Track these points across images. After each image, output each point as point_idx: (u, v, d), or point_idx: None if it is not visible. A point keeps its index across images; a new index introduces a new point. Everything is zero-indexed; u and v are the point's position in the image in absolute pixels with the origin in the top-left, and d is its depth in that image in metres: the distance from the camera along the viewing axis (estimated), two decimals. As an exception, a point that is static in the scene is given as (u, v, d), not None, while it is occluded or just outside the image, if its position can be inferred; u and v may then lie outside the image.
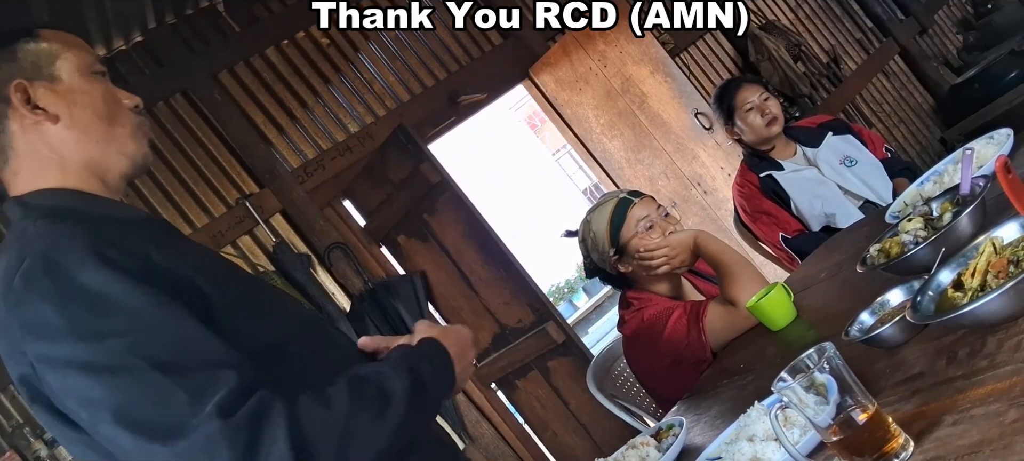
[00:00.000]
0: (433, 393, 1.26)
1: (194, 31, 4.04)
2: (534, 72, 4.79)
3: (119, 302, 1.11)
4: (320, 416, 1.10)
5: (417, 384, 1.21)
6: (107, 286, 1.12)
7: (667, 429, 1.72)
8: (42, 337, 1.12)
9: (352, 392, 1.15)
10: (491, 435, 4.05)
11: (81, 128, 1.29)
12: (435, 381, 1.27)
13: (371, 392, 1.17)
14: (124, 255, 1.15)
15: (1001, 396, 1.00)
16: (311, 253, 3.94)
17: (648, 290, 2.41)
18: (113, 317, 1.11)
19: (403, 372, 1.21)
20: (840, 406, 1.06)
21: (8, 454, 3.15)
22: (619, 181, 4.87)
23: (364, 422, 1.13)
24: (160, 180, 3.78)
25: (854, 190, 3.10)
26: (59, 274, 1.13)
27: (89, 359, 1.10)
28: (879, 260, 1.66)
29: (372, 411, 1.15)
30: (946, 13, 6.88)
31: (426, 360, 1.28)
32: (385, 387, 1.18)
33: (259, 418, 1.06)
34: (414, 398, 1.20)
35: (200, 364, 1.10)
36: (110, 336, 1.10)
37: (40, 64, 1.30)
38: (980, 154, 1.98)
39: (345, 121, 4.28)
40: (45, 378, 1.14)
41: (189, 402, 1.06)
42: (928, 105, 6.21)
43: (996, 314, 1.13)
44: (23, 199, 1.28)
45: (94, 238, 1.16)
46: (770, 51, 5.27)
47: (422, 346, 1.32)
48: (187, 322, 1.13)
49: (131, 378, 1.08)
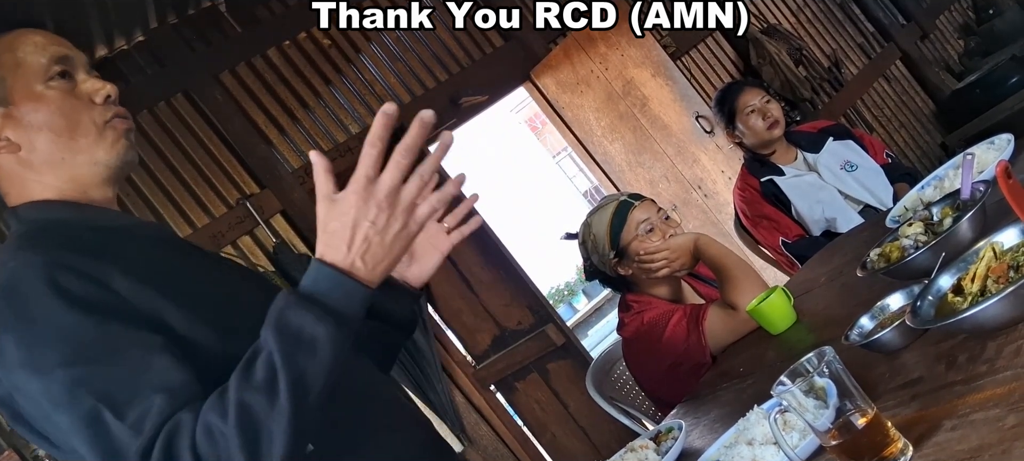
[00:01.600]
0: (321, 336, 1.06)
1: (196, 31, 4.04)
2: (535, 74, 4.79)
3: (66, 333, 1.11)
4: (219, 429, 1.04)
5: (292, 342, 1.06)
6: (55, 316, 1.12)
7: (666, 432, 1.72)
8: (8, 367, 1.14)
9: (242, 382, 1.05)
10: (490, 437, 4.05)
11: (43, 151, 1.27)
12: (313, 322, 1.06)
13: (257, 374, 1.05)
14: (82, 284, 1.14)
15: (1000, 401, 1.00)
16: (311, 254, 3.93)
17: (648, 293, 2.41)
18: (60, 347, 1.11)
19: (273, 335, 1.06)
20: (839, 410, 1.06)
21: (7, 453, 3.15)
22: (620, 184, 4.87)
23: (260, 411, 1.04)
24: (160, 180, 3.78)
25: (855, 195, 3.10)
26: (17, 304, 1.13)
27: (45, 390, 1.11)
28: (879, 264, 1.66)
29: (264, 395, 1.04)
30: (948, 18, 6.88)
31: (298, 306, 1.07)
32: (268, 362, 1.05)
33: (169, 454, 1.05)
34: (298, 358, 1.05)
35: (137, 395, 1.08)
36: (58, 367, 1.10)
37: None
38: (981, 159, 1.98)
39: (346, 122, 4.28)
40: (19, 403, 1.17)
41: (131, 438, 1.06)
42: (929, 110, 6.21)
43: (996, 319, 1.13)
44: (16, 211, 1.30)
45: (52, 266, 1.14)
46: (771, 55, 5.27)
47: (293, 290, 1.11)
48: (130, 351, 1.12)
49: (83, 410, 1.09)
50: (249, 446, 1.03)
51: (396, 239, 1.09)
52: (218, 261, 1.57)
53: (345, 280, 1.08)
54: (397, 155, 1.08)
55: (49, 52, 1.29)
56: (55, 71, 1.28)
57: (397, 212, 1.09)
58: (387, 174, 1.08)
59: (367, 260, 1.09)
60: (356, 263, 1.08)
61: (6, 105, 1.26)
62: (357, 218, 1.07)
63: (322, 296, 1.08)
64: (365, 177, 1.08)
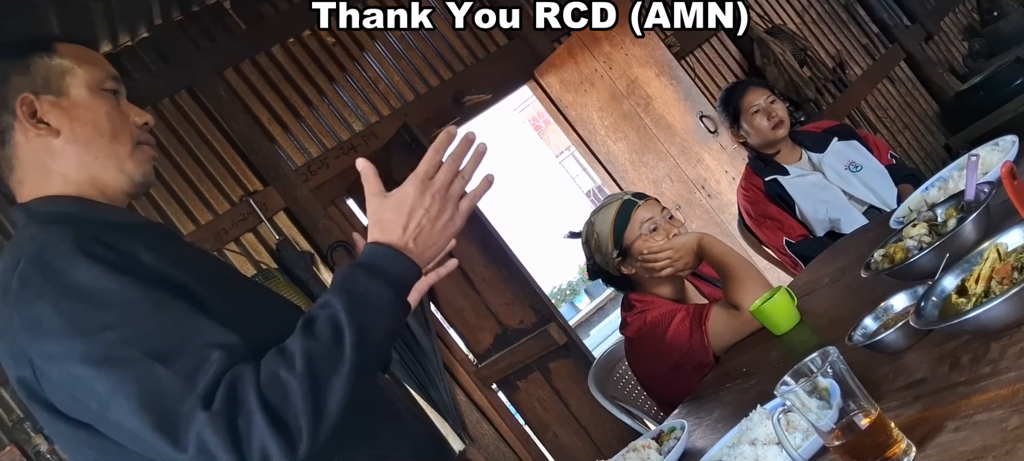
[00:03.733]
0: (383, 300, 1.19)
1: (200, 28, 4.04)
2: (539, 73, 4.79)
3: (111, 296, 1.15)
4: (284, 377, 1.11)
5: (357, 302, 1.17)
6: (98, 281, 1.16)
7: (668, 432, 1.72)
8: (42, 335, 1.15)
9: (306, 337, 1.15)
10: (492, 436, 4.05)
11: (81, 142, 1.33)
12: (378, 289, 1.19)
13: (322, 330, 1.15)
14: (111, 252, 1.19)
15: (1004, 402, 1.00)
16: (314, 251, 3.94)
17: (651, 292, 2.40)
18: (107, 311, 1.14)
19: (340, 295, 1.17)
20: (843, 410, 1.06)
21: (8, 448, 3.15)
22: (623, 183, 4.86)
23: (324, 363, 1.13)
24: (164, 176, 3.78)
25: (859, 195, 3.10)
26: (51, 273, 1.17)
27: (88, 353, 1.13)
28: (883, 265, 1.66)
29: (328, 349, 1.14)
30: (952, 20, 6.87)
31: (362, 273, 1.20)
32: (333, 320, 1.15)
33: (231, 402, 1.09)
34: (362, 317, 1.16)
35: (190, 348, 1.13)
36: (105, 329, 1.13)
37: (50, 79, 1.33)
38: (985, 160, 1.98)
39: (350, 120, 4.28)
40: (48, 374, 1.17)
41: (184, 388, 1.10)
42: (933, 111, 6.20)
43: (1000, 320, 1.12)
44: (27, 206, 1.33)
45: (82, 237, 1.20)
46: (776, 55, 5.27)
47: (358, 260, 1.24)
48: (176, 309, 1.17)
49: (131, 369, 1.12)
50: (314, 393, 1.11)
51: (444, 227, 1.26)
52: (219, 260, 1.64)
53: (400, 256, 1.22)
54: (449, 160, 1.26)
55: (107, 69, 1.40)
56: (109, 86, 1.38)
57: (447, 204, 1.25)
58: (441, 173, 1.25)
59: (419, 242, 1.24)
60: (409, 244, 1.23)
61: (58, 95, 1.33)
62: (413, 206, 1.23)
63: (383, 266, 1.21)
64: (425, 173, 1.25)
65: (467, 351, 4.26)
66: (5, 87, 1.32)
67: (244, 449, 1.08)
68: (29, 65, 1.33)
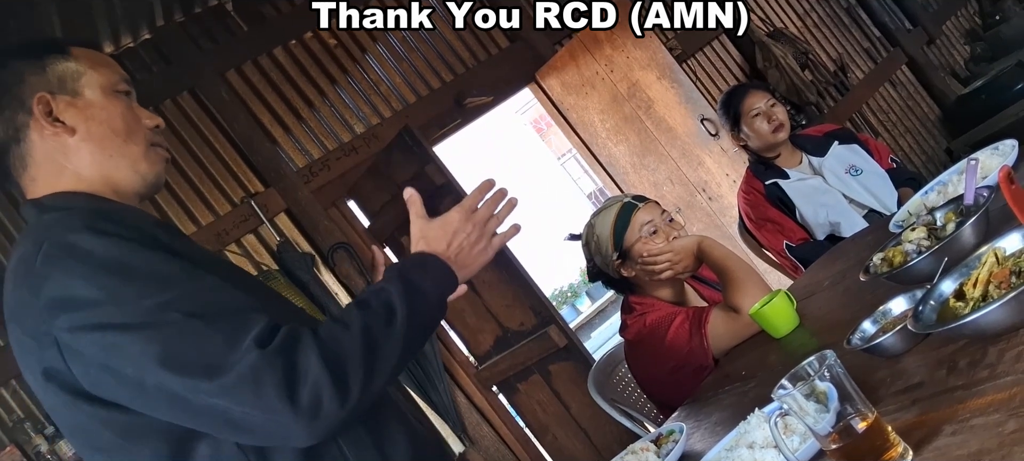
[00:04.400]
0: (431, 294, 1.32)
1: (202, 29, 4.05)
2: (540, 76, 4.79)
3: (142, 267, 1.19)
4: (343, 336, 1.19)
5: (409, 288, 1.29)
6: (125, 255, 1.19)
7: (667, 435, 1.72)
8: (76, 309, 1.16)
9: (363, 311, 1.24)
10: (491, 438, 4.05)
11: (96, 141, 1.36)
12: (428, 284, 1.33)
13: (378, 308, 1.25)
14: (130, 229, 1.24)
15: (1001, 407, 1.00)
16: (315, 253, 3.95)
17: (651, 295, 2.41)
18: (141, 280, 1.17)
19: (396, 282, 1.29)
20: (840, 414, 1.06)
21: (9, 448, 3.16)
22: (624, 186, 4.87)
23: (379, 334, 1.22)
24: (166, 178, 3.79)
25: (859, 199, 3.09)
26: (79, 251, 1.19)
27: (128, 320, 1.15)
28: (882, 269, 1.66)
29: (383, 323, 1.23)
30: (954, 24, 6.87)
31: (415, 268, 1.34)
32: (387, 301, 1.25)
33: (292, 344, 1.15)
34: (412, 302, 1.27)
35: (230, 310, 1.19)
36: (143, 297, 1.16)
37: (65, 80, 1.36)
38: (985, 165, 1.98)
39: (351, 122, 4.29)
40: (79, 348, 1.17)
41: (227, 341, 1.14)
42: (935, 115, 6.20)
43: (997, 325, 1.12)
44: (40, 201, 1.35)
45: (98, 217, 1.26)
46: (777, 58, 5.27)
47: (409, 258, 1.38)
48: (209, 278, 1.22)
49: (171, 329, 1.15)
50: (370, 356, 1.20)
51: (479, 254, 1.42)
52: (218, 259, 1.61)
53: (445, 264, 1.37)
54: (489, 201, 1.44)
55: (119, 72, 1.44)
56: (122, 88, 1.42)
57: (483, 236, 1.42)
58: (484, 208, 1.43)
59: (457, 261, 1.39)
60: (451, 259, 1.38)
61: (73, 96, 1.36)
62: (458, 229, 1.40)
63: (430, 267, 1.36)
64: (470, 206, 1.42)
65: (467, 353, 4.26)
66: (21, 87, 1.33)
67: (299, 386, 1.13)
68: (44, 66, 1.35)
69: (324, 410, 1.13)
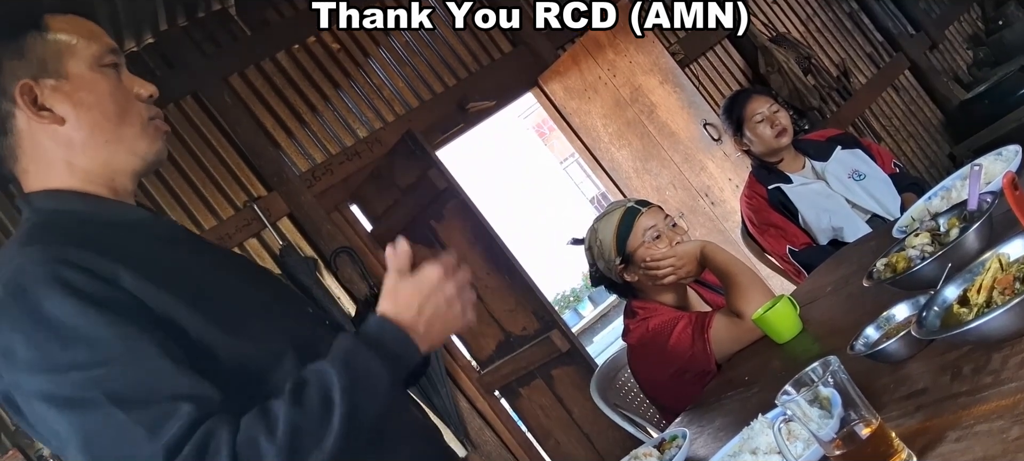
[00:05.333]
0: (379, 381, 1.18)
1: (205, 34, 4.05)
2: (543, 80, 4.79)
3: (82, 333, 1.11)
4: (264, 443, 1.09)
5: (356, 380, 1.16)
6: (69, 315, 1.11)
7: (670, 440, 1.72)
8: (13, 366, 1.13)
9: (294, 408, 1.12)
10: (494, 443, 4.05)
11: (88, 129, 1.27)
12: (377, 367, 1.18)
13: (313, 402, 1.13)
14: (90, 281, 1.14)
15: (1005, 413, 1.00)
16: (317, 257, 3.95)
17: (654, 300, 2.40)
18: (76, 348, 1.11)
19: (341, 370, 1.16)
20: (843, 420, 1.06)
21: (11, 452, 3.16)
22: (627, 191, 4.86)
23: (309, 436, 1.11)
24: (168, 181, 3.80)
25: (862, 204, 3.09)
26: (27, 303, 1.12)
27: (53, 391, 1.11)
28: (885, 274, 1.66)
29: (315, 422, 1.11)
30: (957, 29, 6.87)
31: (368, 348, 1.20)
32: (326, 394, 1.13)
33: (203, 455, 1.06)
34: (355, 397, 1.14)
35: (157, 398, 1.09)
36: (72, 368, 1.10)
37: (47, 61, 1.26)
38: (988, 170, 1.97)
39: (354, 126, 4.29)
40: (18, 404, 1.16)
41: (146, 437, 1.07)
42: (937, 120, 6.20)
43: (1001, 330, 1.12)
44: (30, 198, 1.28)
45: (61, 262, 1.14)
46: (780, 63, 5.27)
47: (365, 331, 1.23)
48: (147, 353, 1.12)
49: (92, 413, 1.09)
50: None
51: (455, 318, 1.29)
52: (228, 257, 1.54)
53: (408, 339, 1.23)
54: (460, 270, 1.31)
55: (104, 41, 1.32)
56: (108, 60, 1.31)
57: (461, 297, 1.29)
58: (463, 273, 1.31)
59: (429, 325, 1.25)
60: (420, 327, 1.24)
61: (58, 78, 1.26)
62: (435, 288, 1.26)
63: (388, 345, 1.21)
64: (452, 264, 1.29)
65: (470, 357, 4.25)
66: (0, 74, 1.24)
67: None
68: (22, 47, 1.25)
69: None
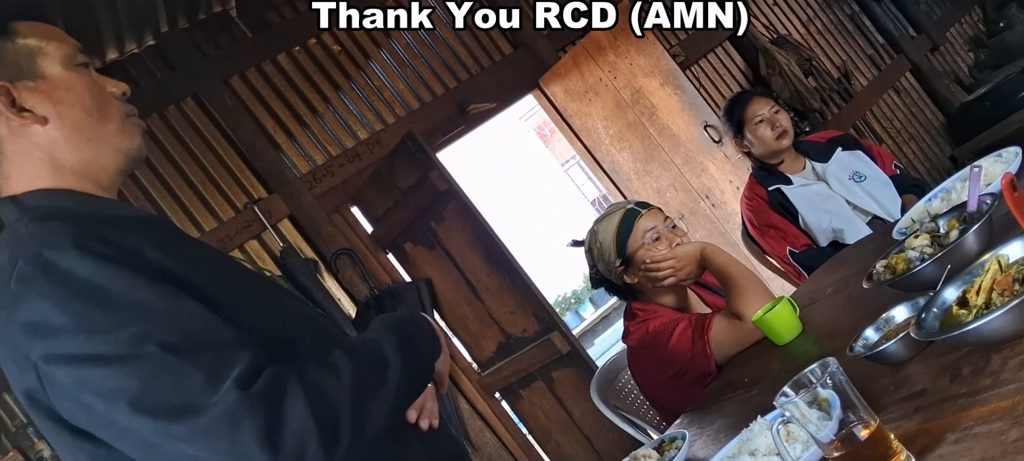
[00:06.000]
0: (423, 350, 1.32)
1: (206, 35, 4.06)
2: (544, 82, 4.79)
3: (120, 293, 1.10)
4: (331, 383, 1.13)
5: (405, 342, 1.27)
6: (105, 279, 1.10)
7: (670, 442, 1.72)
8: (47, 336, 1.09)
9: (353, 358, 1.19)
10: (494, 444, 4.05)
11: (71, 127, 1.26)
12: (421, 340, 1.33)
13: (370, 357, 1.22)
14: (116, 249, 1.13)
15: (1004, 415, 1.00)
16: (318, 259, 3.95)
17: (654, 301, 2.40)
18: (117, 308, 1.09)
19: (390, 334, 1.27)
20: (842, 422, 1.06)
21: (11, 454, 3.16)
22: (627, 192, 4.86)
23: (370, 383, 1.18)
24: (169, 183, 3.80)
25: (862, 206, 3.09)
26: (55, 271, 1.10)
27: (100, 351, 1.07)
28: (885, 276, 1.66)
29: (374, 373, 1.20)
30: (958, 31, 6.87)
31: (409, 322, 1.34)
32: (379, 352, 1.23)
33: (277, 389, 1.07)
34: (407, 355, 1.25)
35: (212, 345, 1.09)
36: (118, 327, 1.08)
37: (20, 63, 1.25)
38: (988, 172, 1.98)
39: (354, 128, 4.29)
40: (54, 377, 1.11)
41: (205, 381, 1.05)
42: (938, 122, 6.20)
43: (1000, 332, 1.12)
44: (18, 199, 1.25)
45: (85, 234, 1.14)
46: (781, 65, 5.27)
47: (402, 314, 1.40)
48: (192, 307, 1.12)
49: (145, 364, 1.07)
50: (359, 407, 1.15)
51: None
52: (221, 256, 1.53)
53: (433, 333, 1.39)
54: None
55: (72, 42, 1.32)
56: (80, 60, 1.31)
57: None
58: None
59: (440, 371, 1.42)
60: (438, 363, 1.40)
61: (35, 79, 1.25)
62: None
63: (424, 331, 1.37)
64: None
65: (470, 359, 4.25)
66: None
67: (283, 433, 1.05)
68: None
69: (308, 458, 1.07)
